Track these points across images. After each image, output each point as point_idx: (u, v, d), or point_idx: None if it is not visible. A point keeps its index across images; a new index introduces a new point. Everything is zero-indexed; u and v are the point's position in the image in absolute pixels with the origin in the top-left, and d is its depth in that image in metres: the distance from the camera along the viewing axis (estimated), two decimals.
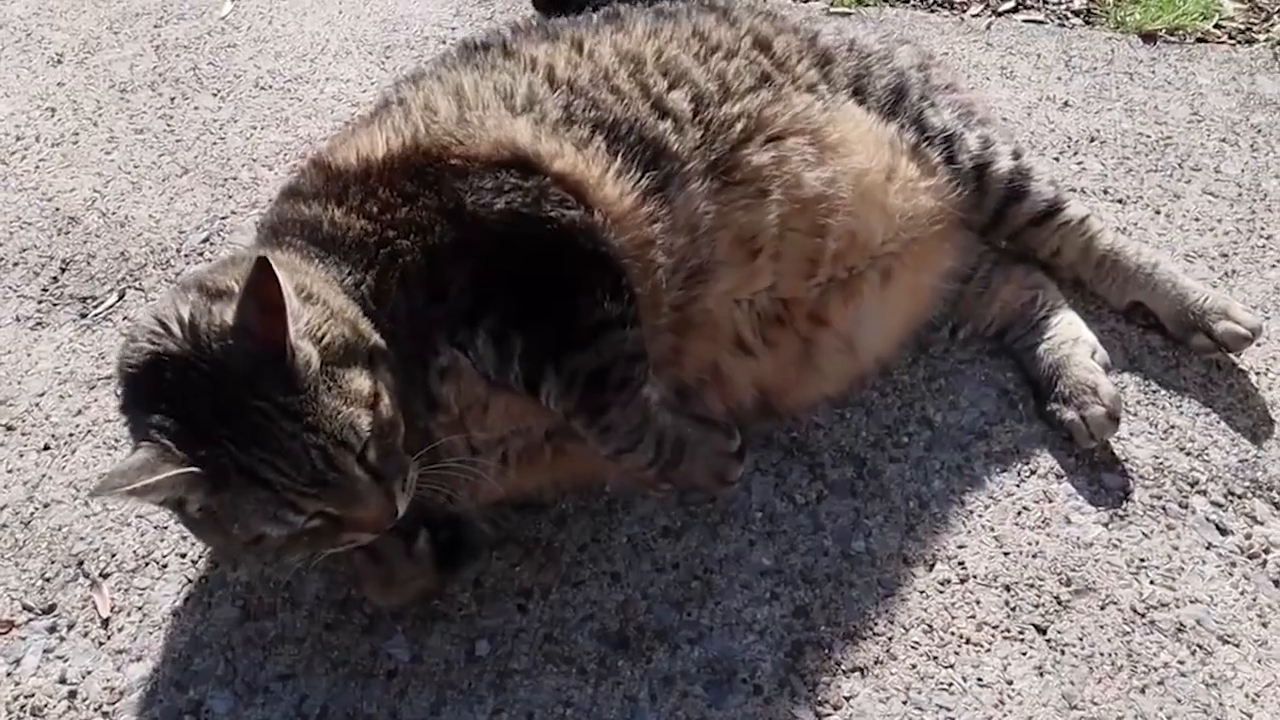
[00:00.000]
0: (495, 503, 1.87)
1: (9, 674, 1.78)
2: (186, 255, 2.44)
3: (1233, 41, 2.93)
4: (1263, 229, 2.39)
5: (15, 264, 2.45)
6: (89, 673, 1.78)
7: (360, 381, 1.51)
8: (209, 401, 1.45)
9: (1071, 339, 2.08)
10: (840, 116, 2.03)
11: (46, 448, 2.09)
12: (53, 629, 1.83)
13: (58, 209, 2.58)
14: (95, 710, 1.74)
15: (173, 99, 2.89)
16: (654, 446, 1.79)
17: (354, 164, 1.78)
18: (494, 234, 1.68)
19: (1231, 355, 2.13)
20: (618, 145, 1.80)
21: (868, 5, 3.12)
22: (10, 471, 2.05)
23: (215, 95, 2.90)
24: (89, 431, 2.11)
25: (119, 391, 1.60)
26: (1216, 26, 2.96)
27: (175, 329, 1.49)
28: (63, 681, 1.77)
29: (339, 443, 1.47)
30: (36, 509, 1.99)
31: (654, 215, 1.79)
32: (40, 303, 2.37)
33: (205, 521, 1.52)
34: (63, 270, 2.43)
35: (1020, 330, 2.15)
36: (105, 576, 1.89)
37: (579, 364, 1.68)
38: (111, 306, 2.34)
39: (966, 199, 2.12)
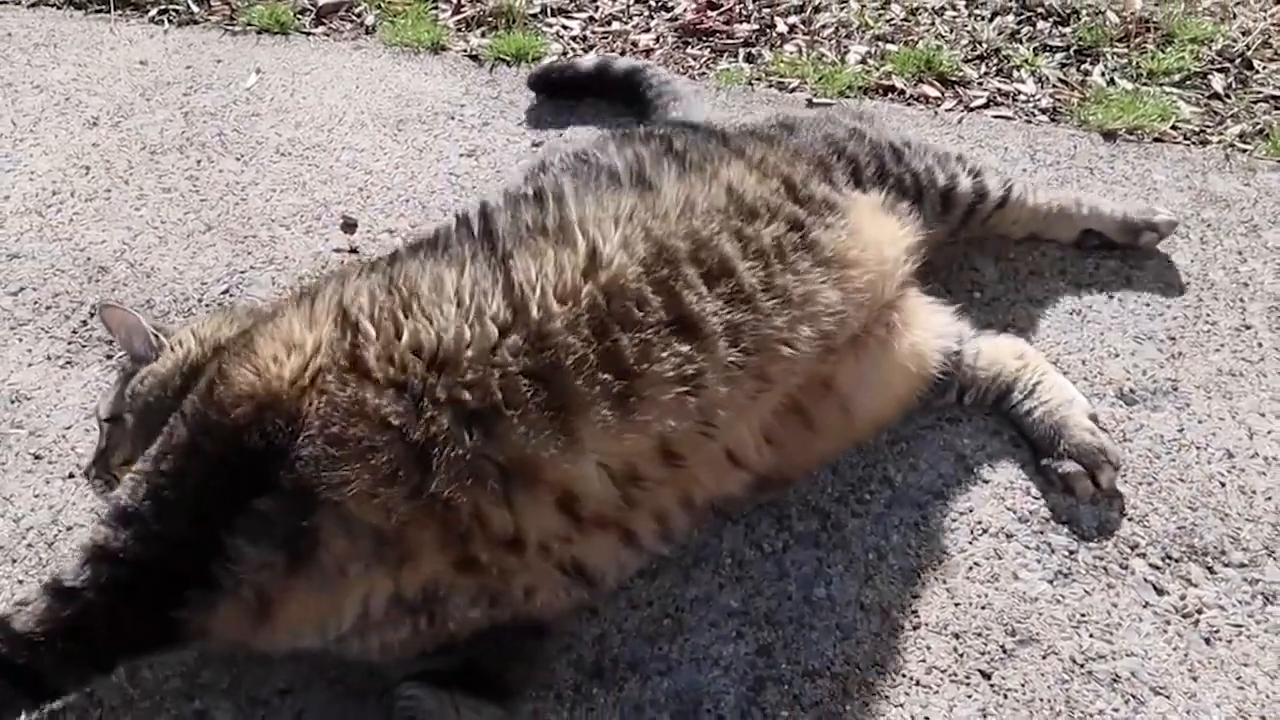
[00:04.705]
0: None
1: None
2: (207, 305, 2.54)
3: (1188, 142, 3.02)
4: (1208, 315, 2.49)
5: (48, 307, 2.54)
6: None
7: None
8: None
9: (1066, 400, 2.20)
10: (854, 218, 2.05)
11: (71, 476, 2.17)
12: None
13: (89, 259, 2.67)
14: (110, 714, 1.81)
15: (199, 161, 2.99)
16: None
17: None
18: None
19: (1164, 239, 2.61)
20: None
21: (848, 96, 3.21)
22: (37, 496, 2.13)
23: (238, 159, 3.00)
24: None
25: None
26: (1173, 128, 3.04)
27: None
28: None
29: None
30: (60, 531, 2.07)
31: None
32: (70, 343, 2.45)
33: None
34: (92, 315, 2.51)
35: (1018, 396, 2.24)
36: None
37: None
38: None
39: (937, 217, 2.37)
